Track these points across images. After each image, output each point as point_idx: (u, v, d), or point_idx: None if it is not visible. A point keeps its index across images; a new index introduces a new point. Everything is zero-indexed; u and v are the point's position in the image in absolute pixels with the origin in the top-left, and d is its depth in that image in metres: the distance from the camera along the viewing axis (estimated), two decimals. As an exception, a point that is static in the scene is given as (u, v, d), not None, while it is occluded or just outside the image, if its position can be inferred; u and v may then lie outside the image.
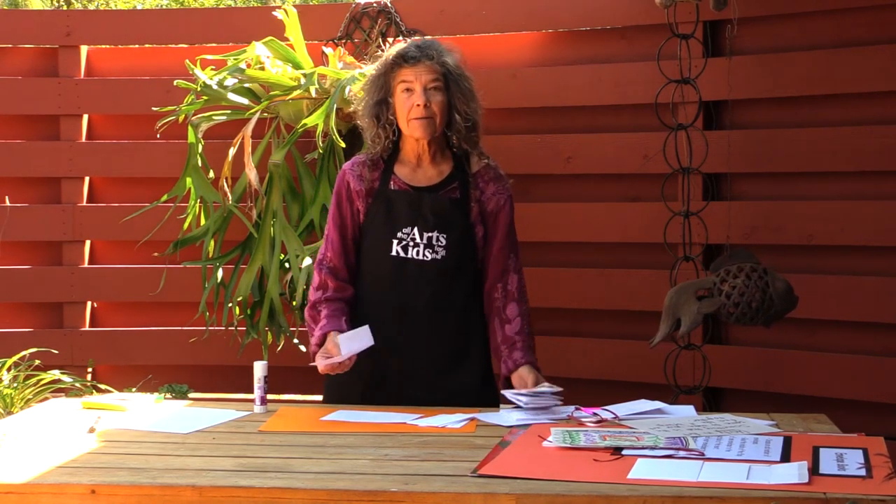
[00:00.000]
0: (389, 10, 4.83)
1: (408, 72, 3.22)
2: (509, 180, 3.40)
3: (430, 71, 3.22)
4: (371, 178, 3.32)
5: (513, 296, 3.33)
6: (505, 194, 3.36)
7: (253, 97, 4.59)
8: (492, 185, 3.34)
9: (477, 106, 3.33)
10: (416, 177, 3.32)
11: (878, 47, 4.06)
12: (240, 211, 4.56)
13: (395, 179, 3.31)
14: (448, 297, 3.29)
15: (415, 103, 3.21)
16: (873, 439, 2.66)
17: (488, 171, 3.35)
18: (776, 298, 3.66)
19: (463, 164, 3.33)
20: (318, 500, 2.34)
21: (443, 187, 3.31)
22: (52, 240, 5.04)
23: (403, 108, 3.24)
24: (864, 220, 4.10)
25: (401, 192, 3.29)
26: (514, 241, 3.37)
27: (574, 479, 2.36)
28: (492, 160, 3.39)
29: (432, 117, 3.23)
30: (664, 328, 3.74)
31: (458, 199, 3.29)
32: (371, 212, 3.31)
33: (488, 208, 3.32)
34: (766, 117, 4.35)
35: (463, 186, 3.31)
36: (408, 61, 3.22)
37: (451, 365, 3.29)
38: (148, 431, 2.92)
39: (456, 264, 3.28)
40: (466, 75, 3.31)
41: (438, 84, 3.23)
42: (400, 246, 3.26)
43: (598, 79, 4.58)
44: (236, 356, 4.69)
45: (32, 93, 5.08)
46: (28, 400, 4.46)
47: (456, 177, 3.32)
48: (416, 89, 3.22)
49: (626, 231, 4.54)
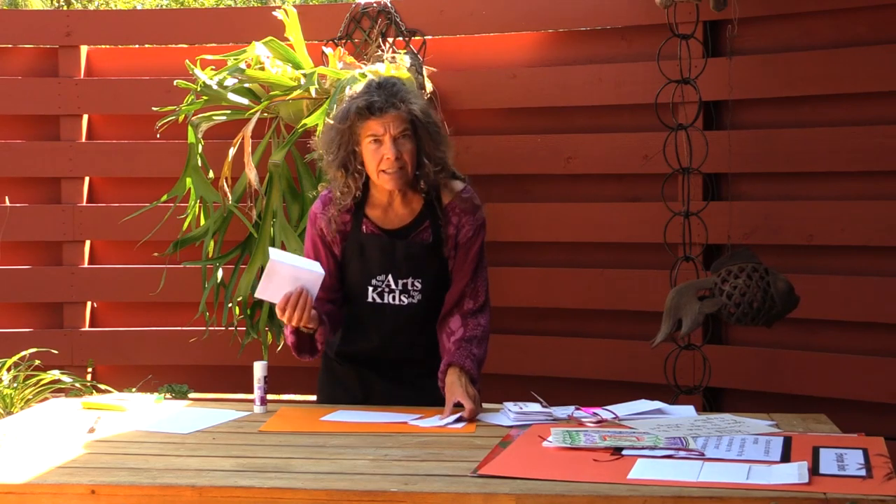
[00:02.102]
0: (389, 10, 4.83)
1: (375, 123, 3.11)
2: (482, 206, 3.30)
3: (398, 120, 3.11)
4: (342, 220, 3.24)
5: (464, 313, 3.23)
6: (476, 224, 3.27)
7: (253, 97, 4.59)
8: (464, 217, 3.25)
9: (447, 148, 3.23)
10: (388, 218, 3.24)
11: (878, 47, 4.06)
12: (240, 211, 4.56)
13: (366, 222, 3.23)
14: (426, 335, 3.28)
15: (384, 156, 3.12)
16: (873, 439, 2.66)
17: (462, 203, 3.25)
18: (777, 298, 3.66)
19: (433, 199, 3.24)
20: (318, 500, 2.34)
21: (414, 228, 3.24)
22: (52, 240, 5.04)
23: (373, 159, 3.13)
24: (864, 220, 4.10)
25: (373, 237, 3.22)
26: (478, 269, 3.27)
27: (574, 479, 2.36)
28: (465, 187, 3.28)
29: (404, 167, 3.14)
30: (665, 328, 3.74)
31: (431, 243, 3.23)
32: (346, 255, 3.26)
33: (461, 241, 3.25)
34: (765, 117, 4.35)
35: (434, 225, 3.24)
36: (374, 112, 3.10)
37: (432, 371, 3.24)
38: (148, 431, 2.92)
39: (433, 306, 3.25)
40: (434, 118, 3.21)
41: (407, 133, 3.13)
42: (376, 293, 3.24)
43: (598, 79, 4.58)
44: (236, 356, 4.69)
45: (32, 93, 5.08)
46: (28, 400, 4.46)
47: (427, 215, 3.24)
48: (385, 141, 3.11)
49: (626, 231, 4.54)
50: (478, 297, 3.26)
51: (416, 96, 3.21)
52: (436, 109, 4.37)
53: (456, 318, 3.23)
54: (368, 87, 3.19)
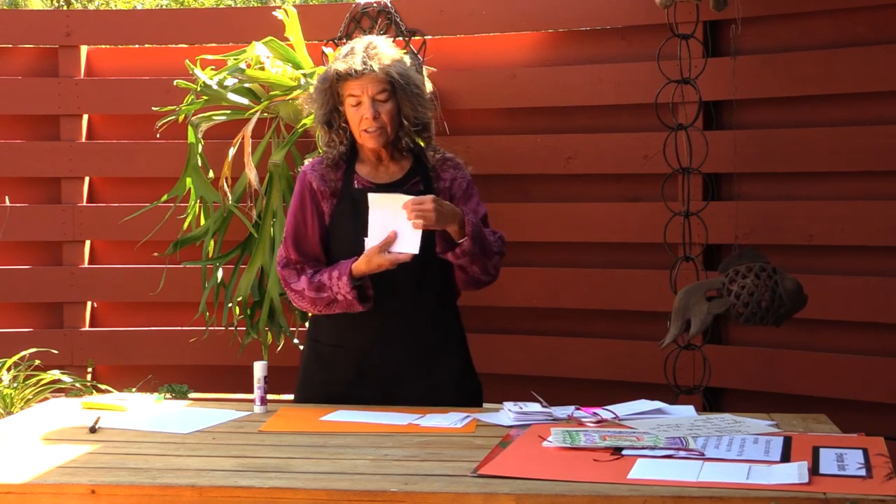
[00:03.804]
0: (389, 10, 4.83)
1: (354, 84, 3.24)
2: (468, 166, 3.45)
3: (375, 82, 3.24)
4: (334, 178, 3.34)
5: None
6: (466, 178, 3.40)
7: (253, 97, 4.60)
8: (451, 171, 3.38)
9: (426, 107, 3.34)
10: (378, 174, 3.35)
11: (878, 47, 4.06)
12: (240, 211, 4.56)
13: (357, 178, 3.33)
14: (422, 293, 3.30)
15: (363, 115, 3.24)
16: (873, 439, 2.66)
17: (446, 162, 3.40)
18: (786, 297, 3.65)
19: (422, 158, 3.37)
20: (318, 500, 2.34)
21: (406, 182, 3.33)
22: (52, 240, 5.04)
23: (354, 119, 3.28)
24: (864, 220, 4.10)
25: (365, 191, 3.28)
26: (485, 217, 3.37)
27: (574, 479, 2.36)
28: (447, 153, 3.44)
29: (383, 127, 3.26)
30: (674, 329, 3.73)
31: (423, 192, 3.29)
32: (337, 212, 3.31)
33: (457, 194, 3.35)
34: (765, 117, 4.35)
35: (426, 180, 3.34)
36: (353, 75, 3.23)
37: (429, 360, 3.30)
38: (148, 431, 2.92)
39: (427, 258, 3.25)
40: (414, 79, 3.31)
41: (385, 94, 3.25)
42: None
43: (598, 79, 4.58)
44: (236, 356, 4.68)
45: (32, 93, 5.08)
46: (28, 400, 4.46)
47: (417, 171, 3.35)
48: (364, 101, 3.24)
49: (626, 231, 4.54)
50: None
51: (395, 58, 3.30)
52: (435, 105, 4.38)
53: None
54: (350, 50, 3.31)
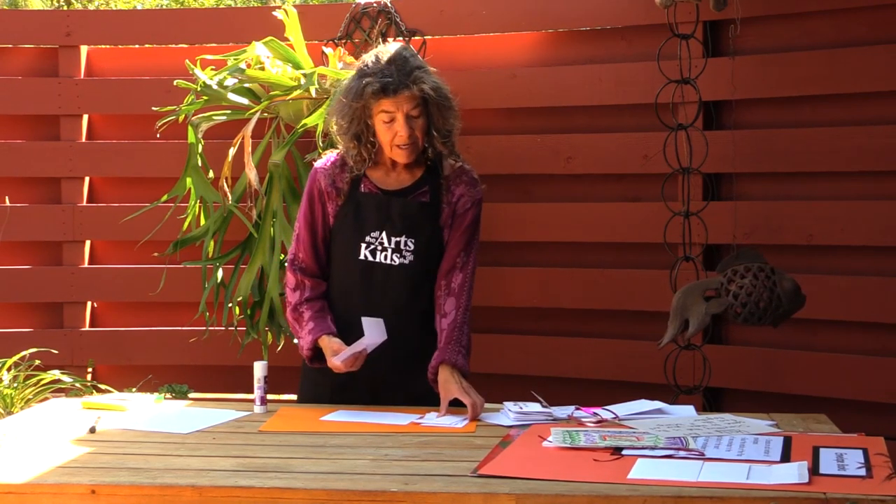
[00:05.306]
0: (389, 10, 4.83)
1: (388, 103, 3.20)
2: (482, 185, 3.39)
3: (410, 99, 3.20)
4: (342, 179, 3.32)
5: (453, 292, 3.28)
6: (475, 198, 3.35)
7: (253, 97, 4.60)
8: (463, 187, 3.33)
9: (455, 117, 3.32)
10: (388, 181, 3.32)
11: (878, 47, 4.06)
12: (240, 211, 4.56)
13: (366, 182, 3.31)
14: (413, 302, 3.30)
15: (397, 132, 3.21)
16: (873, 439, 2.66)
17: (461, 175, 3.35)
18: (784, 298, 3.65)
19: (436, 167, 3.33)
20: (318, 500, 2.34)
21: (413, 191, 3.31)
22: (52, 240, 5.04)
23: (385, 135, 3.24)
24: (864, 220, 4.10)
25: (370, 196, 3.29)
26: (471, 241, 3.33)
27: (574, 479, 2.36)
28: (466, 163, 3.39)
29: (415, 142, 3.24)
30: (672, 329, 3.73)
31: (428, 203, 3.29)
32: (340, 214, 3.31)
33: (458, 212, 3.32)
34: (765, 117, 4.35)
35: (434, 190, 3.31)
36: (388, 94, 3.19)
37: (414, 366, 3.28)
38: (148, 431, 2.92)
39: (423, 269, 3.27)
40: (444, 91, 3.28)
41: (419, 109, 3.23)
42: (368, 250, 3.27)
43: (598, 79, 4.58)
44: (236, 356, 4.69)
45: (32, 93, 5.08)
46: (28, 400, 4.46)
47: (427, 181, 3.32)
48: (398, 118, 3.21)
49: (627, 231, 4.54)
50: (466, 270, 3.30)
51: (427, 72, 3.27)
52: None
53: (451, 301, 3.27)
54: (382, 65, 3.24)
